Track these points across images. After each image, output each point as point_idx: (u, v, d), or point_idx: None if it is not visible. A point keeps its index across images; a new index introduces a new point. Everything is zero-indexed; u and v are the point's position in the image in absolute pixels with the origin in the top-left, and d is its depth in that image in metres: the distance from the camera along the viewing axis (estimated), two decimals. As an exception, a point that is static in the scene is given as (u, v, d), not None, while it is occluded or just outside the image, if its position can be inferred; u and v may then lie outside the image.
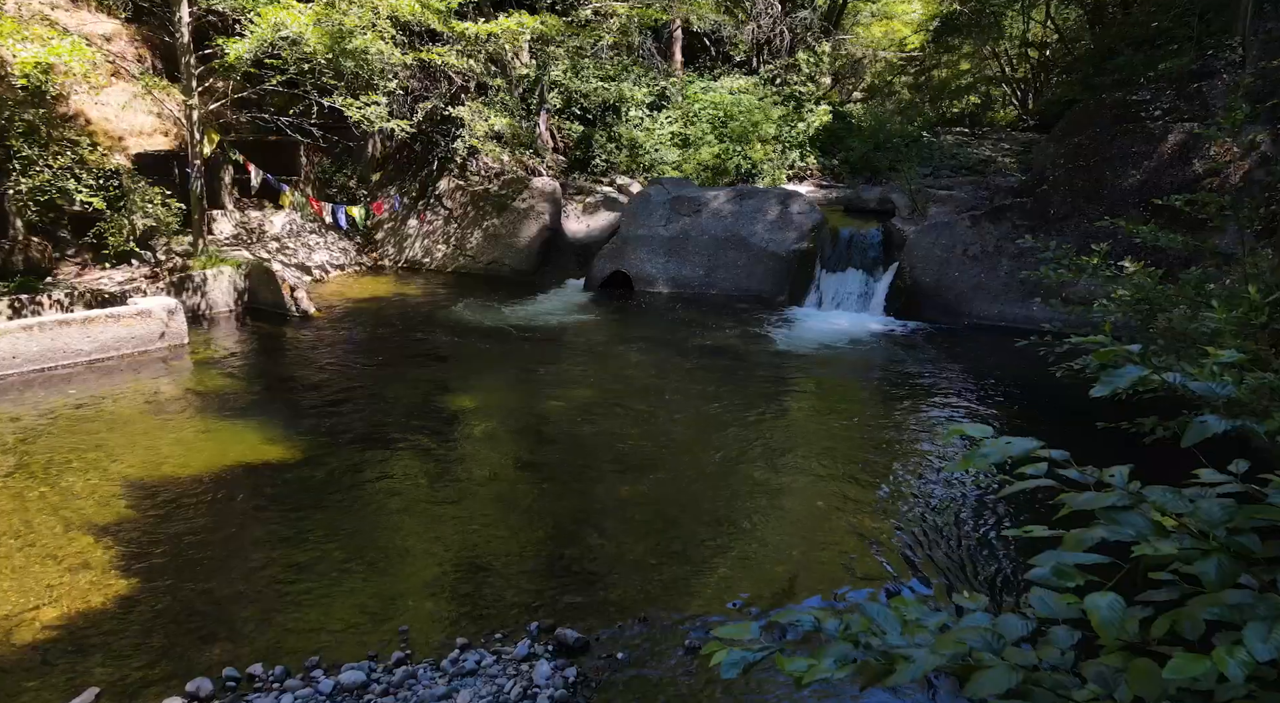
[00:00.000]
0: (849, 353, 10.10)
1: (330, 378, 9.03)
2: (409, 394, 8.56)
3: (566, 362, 9.74)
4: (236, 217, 13.47)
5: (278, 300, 11.35)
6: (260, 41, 9.97)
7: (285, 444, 7.18)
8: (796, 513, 6.14)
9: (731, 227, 12.94)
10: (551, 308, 12.10)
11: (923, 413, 8.19)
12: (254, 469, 6.71)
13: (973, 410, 8.21)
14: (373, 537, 5.64)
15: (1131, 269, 6.95)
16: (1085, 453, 1.94)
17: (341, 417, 7.89)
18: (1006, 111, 30.53)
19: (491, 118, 13.47)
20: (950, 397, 8.63)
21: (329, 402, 8.29)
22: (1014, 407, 8.40)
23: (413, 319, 11.47)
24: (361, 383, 8.89)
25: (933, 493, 6.42)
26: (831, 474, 6.73)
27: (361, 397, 8.46)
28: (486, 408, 8.26)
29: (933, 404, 8.42)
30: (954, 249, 11.33)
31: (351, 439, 7.36)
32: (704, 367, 9.49)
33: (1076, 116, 11.87)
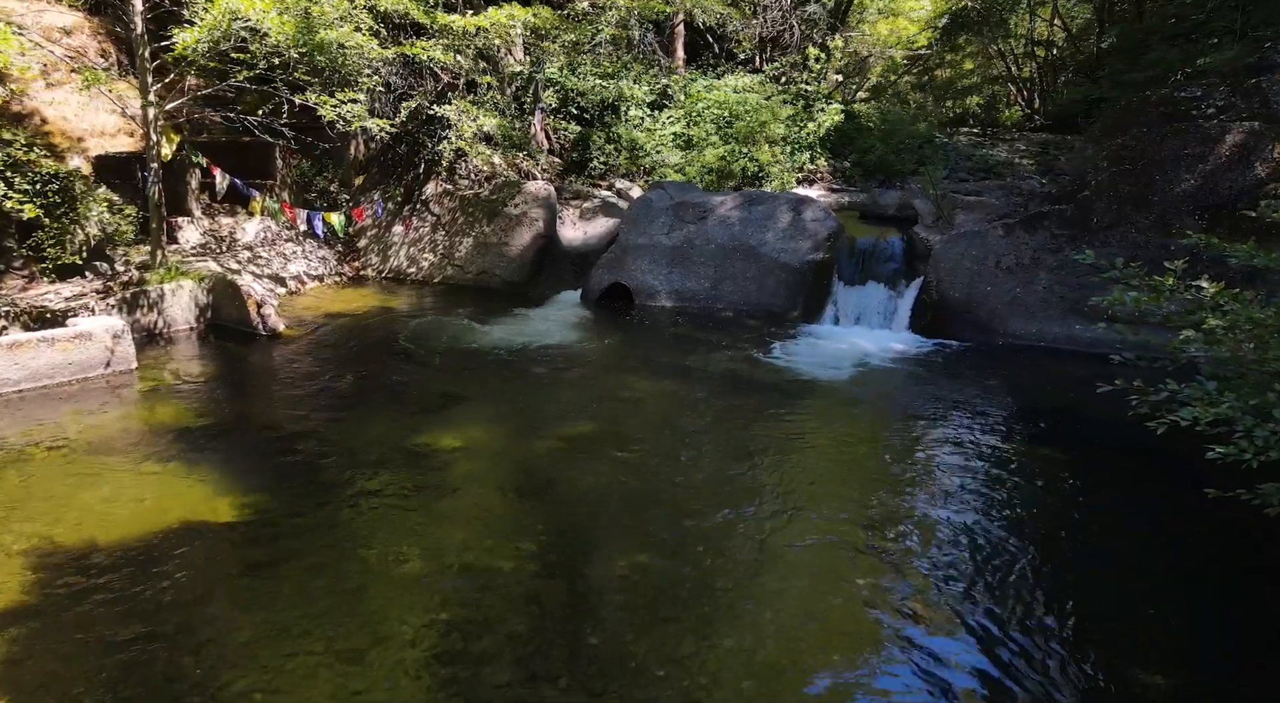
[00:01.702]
0: (873, 379, 8.95)
1: (295, 410, 7.88)
2: (383, 431, 7.40)
3: (560, 390, 8.59)
4: (205, 224, 12.31)
5: (243, 317, 10.20)
6: (213, 31, 8.80)
7: (237, 497, 6.03)
8: (828, 602, 4.99)
9: (740, 235, 11.79)
10: (545, 325, 10.95)
11: (967, 463, 7.04)
12: (197, 531, 5.56)
13: (1030, 465, 7.06)
14: (333, 623, 4.49)
15: (1211, 290, 5.81)
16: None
17: (304, 460, 6.73)
18: (1012, 111, 29.44)
19: (481, 118, 12.32)
20: (998, 439, 7.48)
21: (291, 440, 7.14)
22: (1081, 458, 7.24)
23: (393, 338, 10.31)
24: (330, 415, 7.74)
25: (993, 579, 5.28)
26: (863, 543, 5.59)
27: (329, 434, 7.31)
28: (470, 449, 7.10)
29: (977, 449, 7.27)
30: (985, 261, 10.19)
31: (313, 491, 6.21)
32: (711, 397, 8.34)
33: (1118, 116, 10.73)
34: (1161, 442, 4.99)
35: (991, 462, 6.90)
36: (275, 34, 8.84)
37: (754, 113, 15.35)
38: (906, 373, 9.14)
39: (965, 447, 7.16)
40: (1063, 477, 6.67)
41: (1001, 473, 6.69)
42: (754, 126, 15.20)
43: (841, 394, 8.46)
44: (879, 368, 9.26)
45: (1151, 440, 4.98)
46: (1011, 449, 7.17)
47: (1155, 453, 6.47)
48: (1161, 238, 9.45)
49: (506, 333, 10.44)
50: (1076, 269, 9.55)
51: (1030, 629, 4.63)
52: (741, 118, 15.59)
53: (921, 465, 6.80)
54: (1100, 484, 6.59)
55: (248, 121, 11.08)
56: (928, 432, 7.44)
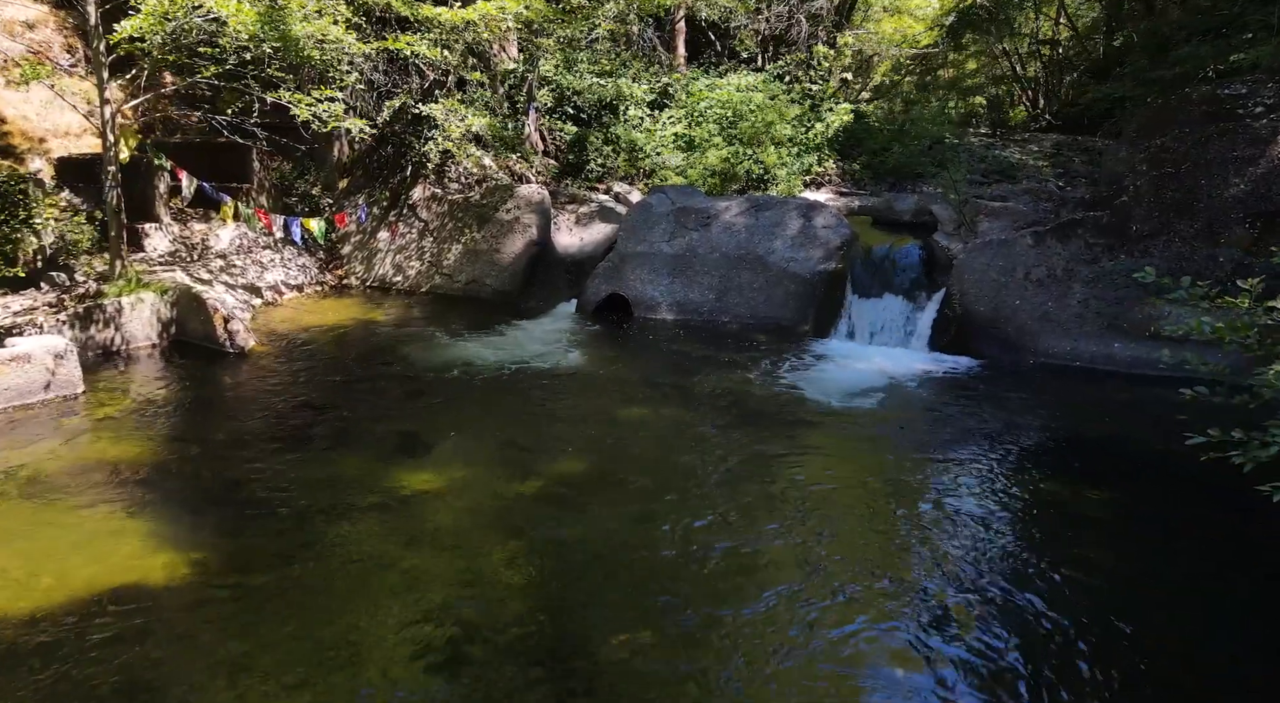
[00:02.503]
0: (894, 406, 8.04)
1: (256, 444, 6.98)
2: (354, 468, 6.51)
3: (551, 420, 7.69)
4: (175, 230, 11.40)
5: (209, 333, 9.30)
6: (166, 19, 7.90)
7: (180, 554, 5.16)
8: (858, 692, 4.11)
9: (746, 243, 10.89)
10: (537, 341, 10.05)
11: (1007, 514, 6.15)
12: (131, 598, 4.70)
13: (1078, 515, 6.16)
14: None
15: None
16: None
17: (260, 506, 5.84)
18: (1016, 112, 28.55)
19: (469, 117, 11.41)
20: (1038, 480, 6.58)
21: (248, 481, 6.24)
22: (1138, 504, 6.35)
23: (372, 355, 9.41)
24: (295, 451, 6.84)
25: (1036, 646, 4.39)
26: (895, 627, 4.70)
27: (292, 472, 6.41)
28: (448, 493, 6.20)
29: (1015, 496, 6.38)
30: (1013, 272, 9.30)
31: (266, 545, 5.33)
32: (716, 429, 7.43)
33: (1155, 115, 9.83)
34: (1225, 477, 4.14)
35: (1033, 512, 6.00)
36: (234, 23, 7.93)
37: (759, 113, 14.44)
38: (930, 399, 8.23)
39: (1003, 493, 6.26)
40: (1118, 529, 5.78)
41: (1047, 528, 5.80)
42: (759, 127, 14.29)
43: (861, 427, 7.54)
44: (900, 392, 8.36)
45: (1214, 477, 4.12)
46: (1053, 493, 6.26)
47: (1219, 490, 5.60)
48: (1209, 247, 8.58)
49: (495, 351, 9.54)
50: (1114, 281, 8.68)
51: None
52: (746, 118, 14.68)
53: (954, 522, 5.88)
54: (1161, 538, 5.69)
55: (216, 121, 10.18)
56: (958, 475, 6.52)
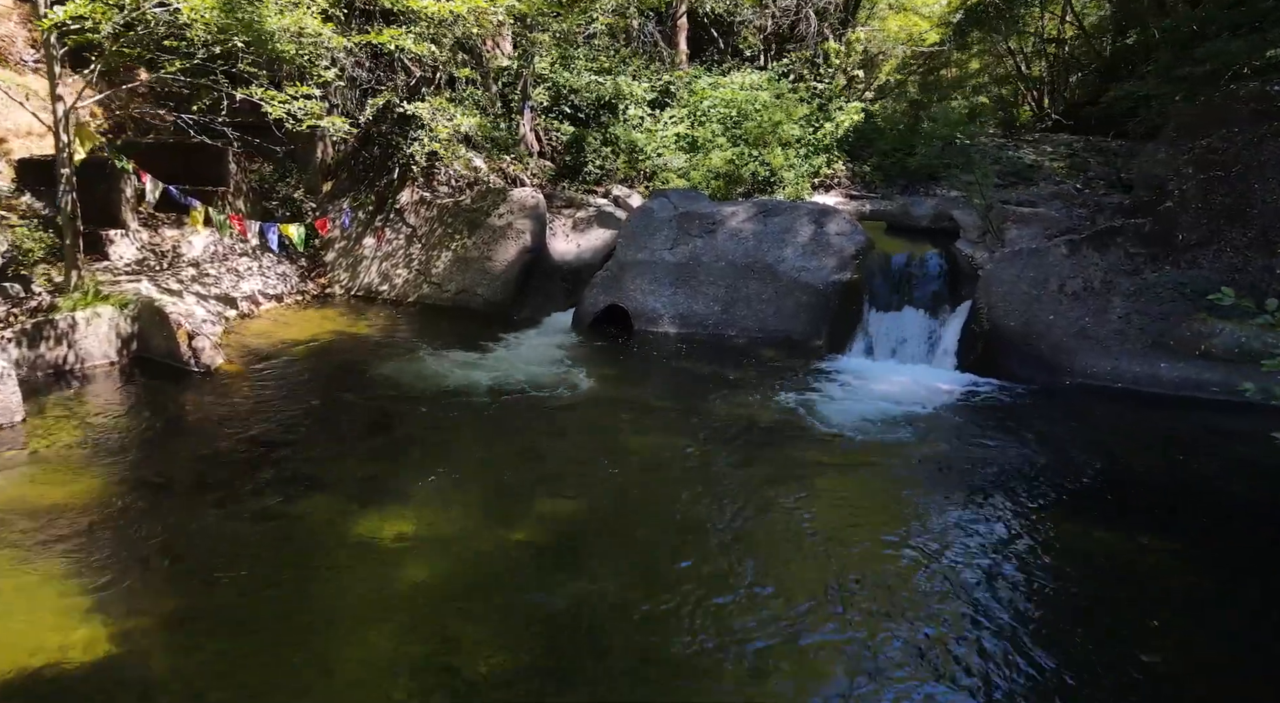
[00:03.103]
0: (921, 434, 7.18)
1: (211, 483, 6.13)
2: (320, 512, 5.68)
3: (543, 452, 6.84)
4: (143, 237, 10.55)
5: (172, 350, 8.46)
6: (108, 5, 7.04)
7: (112, 618, 4.37)
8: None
9: (754, 251, 10.05)
10: (530, 358, 9.20)
11: (1052, 569, 5.31)
12: (45, 679, 3.87)
13: (1131, 569, 5.32)
14: None
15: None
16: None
17: (210, 561, 5.01)
18: (1021, 112, 27.74)
19: (458, 117, 10.56)
20: (1084, 525, 5.74)
21: (200, 530, 5.39)
22: (1197, 553, 5.51)
23: (351, 376, 8.56)
24: (255, 491, 5.99)
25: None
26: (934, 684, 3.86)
27: (250, 518, 5.57)
28: (427, 541, 5.37)
29: (1059, 545, 5.54)
30: (1046, 284, 8.46)
31: (212, 608, 4.53)
32: (724, 462, 6.59)
33: (1197, 114, 8.99)
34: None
35: (1087, 570, 5.16)
36: (187, 10, 7.09)
37: (765, 112, 13.60)
38: (960, 428, 7.38)
39: (1050, 546, 5.40)
40: (1192, 594, 4.94)
41: (1106, 590, 4.95)
42: (765, 127, 13.45)
43: (886, 464, 6.67)
44: (926, 420, 7.51)
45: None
46: (1107, 545, 5.41)
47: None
48: (1264, 257, 7.74)
49: (484, 371, 8.69)
50: (1158, 295, 7.85)
51: None
52: (751, 117, 13.84)
53: (999, 589, 5.04)
54: (1244, 603, 4.85)
55: (182, 120, 9.33)
56: (999, 524, 5.67)
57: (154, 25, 8.13)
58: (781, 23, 15.94)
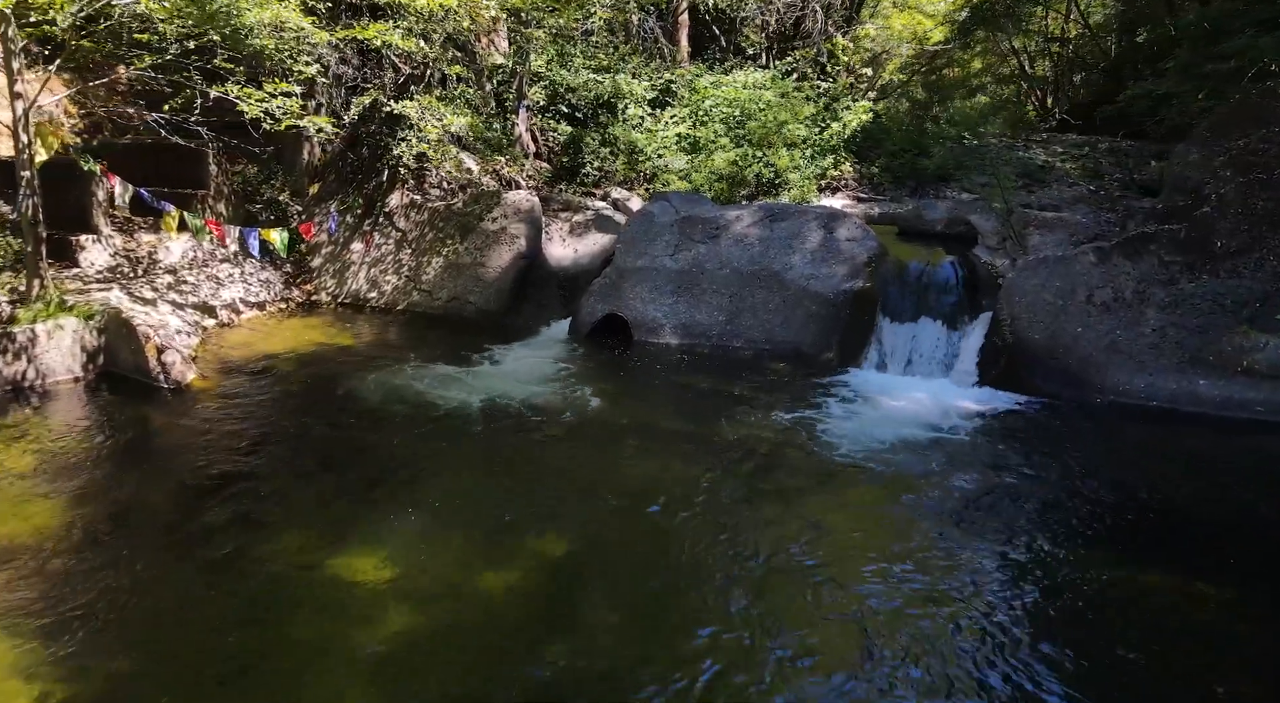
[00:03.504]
0: (942, 459, 6.56)
1: (166, 516, 5.53)
2: (288, 550, 5.08)
3: (535, 479, 6.23)
4: (117, 242, 9.94)
5: (140, 365, 7.86)
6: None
7: (42, 682, 3.76)
8: None
9: (760, 257, 9.45)
10: (524, 372, 8.60)
11: (1097, 621, 4.71)
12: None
13: (1199, 619, 4.71)
14: None
15: None
16: None
17: (161, 611, 4.43)
18: (1027, 112, 27.11)
19: (448, 116, 9.94)
20: (1128, 568, 5.14)
21: (145, 576, 4.81)
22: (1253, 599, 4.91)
23: (332, 393, 7.94)
24: (217, 526, 5.38)
25: None
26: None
27: (210, 559, 4.98)
28: (403, 585, 4.77)
29: (1109, 589, 4.94)
30: (1074, 294, 7.86)
31: (168, 666, 3.94)
32: (733, 492, 5.99)
33: (1231, 113, 8.39)
34: None
35: (1138, 623, 4.55)
36: (146, 2, 6.48)
37: (771, 111, 12.98)
38: (984, 451, 6.76)
39: (1092, 594, 4.80)
40: (1243, 641, 4.34)
41: (1162, 650, 4.35)
42: (770, 127, 12.84)
43: (906, 493, 6.04)
44: (947, 441, 6.90)
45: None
46: (1157, 591, 4.82)
47: None
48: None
49: (474, 386, 8.08)
50: (1196, 306, 7.25)
51: None
52: (755, 117, 13.23)
53: (1039, 638, 4.44)
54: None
55: (154, 120, 8.72)
56: (1034, 566, 5.06)
57: (119, 18, 7.54)
58: (786, 19, 15.31)
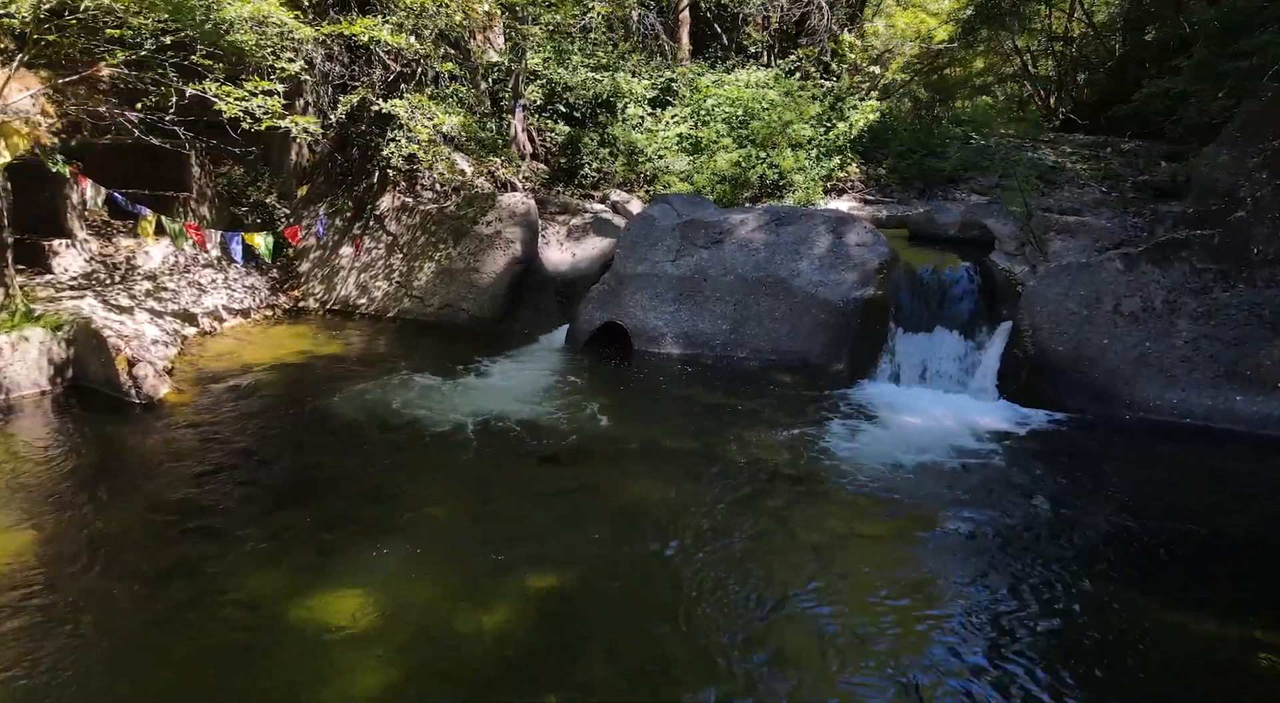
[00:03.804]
0: (965, 482, 6.07)
1: (130, 554, 5.03)
2: (256, 588, 4.59)
3: (528, 504, 5.74)
4: (93, 248, 9.45)
5: (111, 379, 7.37)
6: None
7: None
8: None
9: (765, 263, 8.96)
10: (518, 384, 8.11)
11: (1145, 680, 4.23)
12: None
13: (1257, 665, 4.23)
14: None
15: None
16: None
17: (124, 658, 3.93)
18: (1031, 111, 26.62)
19: (439, 115, 9.46)
20: (1184, 611, 4.65)
21: (109, 621, 4.32)
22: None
23: (315, 407, 7.44)
24: (182, 562, 4.88)
25: None
26: None
27: (172, 598, 4.49)
28: (382, 628, 4.28)
29: (1159, 639, 4.46)
30: (1099, 304, 7.37)
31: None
32: (740, 523, 5.50)
33: (1263, 112, 7.91)
34: None
35: (1192, 674, 4.07)
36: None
37: (775, 111, 12.49)
38: (1007, 471, 6.26)
39: (1142, 644, 4.31)
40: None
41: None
42: (774, 127, 12.35)
43: (926, 523, 5.54)
44: (967, 461, 6.41)
45: None
46: (1211, 641, 4.33)
47: None
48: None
49: (466, 400, 7.59)
50: (1231, 317, 6.76)
51: None
52: (759, 117, 12.74)
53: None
54: None
55: (126, 119, 8.24)
56: (1077, 611, 4.57)
57: (88, 10, 7.05)
58: (791, 15, 14.82)
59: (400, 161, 10.11)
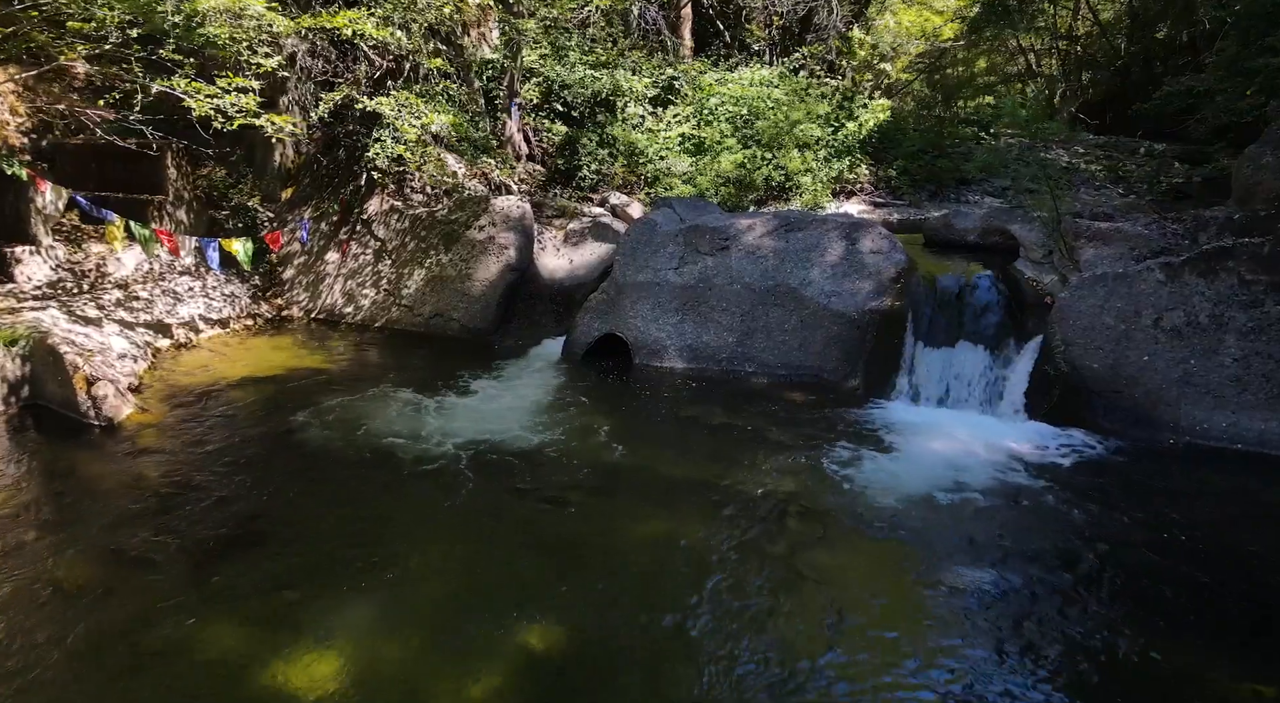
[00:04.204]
0: (996, 517, 5.46)
1: (73, 606, 4.42)
2: (217, 644, 3.99)
3: (519, 545, 5.12)
4: (60, 254, 8.82)
5: (68, 398, 6.75)
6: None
7: None
8: None
9: (775, 272, 8.34)
10: (511, 403, 7.49)
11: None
12: None
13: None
14: None
15: None
16: None
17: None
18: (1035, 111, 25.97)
19: (427, 114, 8.83)
20: (1259, 683, 4.05)
21: (49, 682, 3.72)
22: None
23: (291, 429, 6.81)
24: (130, 612, 4.28)
25: None
26: None
27: (119, 655, 3.90)
28: (361, 690, 3.69)
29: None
30: (1138, 317, 6.74)
31: None
32: (749, 563, 4.89)
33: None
34: None
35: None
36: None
37: (782, 110, 11.87)
38: (1045, 506, 5.63)
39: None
40: None
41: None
42: (782, 127, 11.72)
43: (959, 570, 4.94)
44: (999, 494, 5.78)
45: None
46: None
47: None
48: None
49: (454, 421, 6.97)
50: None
51: None
52: (764, 116, 12.12)
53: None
54: None
55: (96, 118, 7.61)
56: (1139, 677, 3.98)
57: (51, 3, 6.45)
58: (795, 12, 14.17)
59: (385, 163, 9.47)
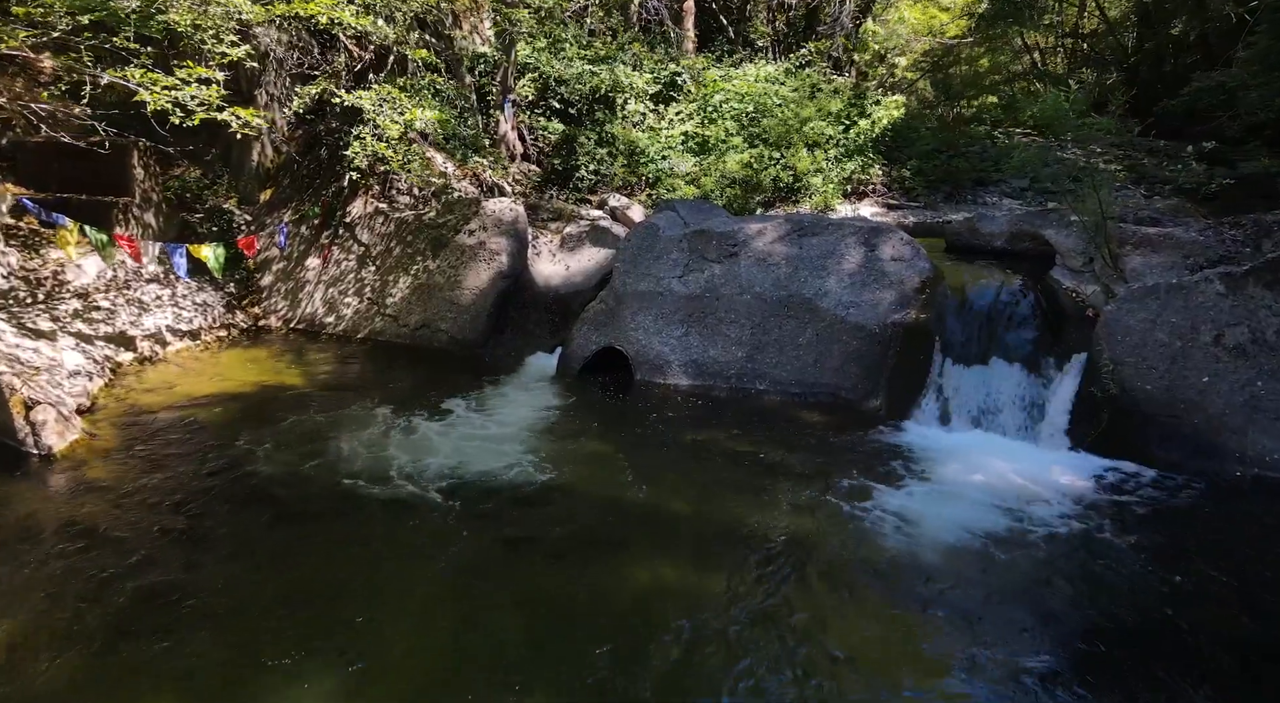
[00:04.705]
0: (1041, 565, 4.69)
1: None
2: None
3: (504, 601, 4.36)
4: (12, 261, 8.05)
5: (7, 426, 5.99)
6: None
7: None
8: None
9: (787, 281, 7.58)
10: (500, 426, 6.73)
11: None
12: None
13: None
14: None
15: None
16: None
17: None
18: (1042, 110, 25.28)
19: (410, 110, 8.06)
20: None
21: None
22: None
23: (256, 460, 6.05)
24: (56, 686, 3.56)
25: None
26: None
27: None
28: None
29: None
30: (1195, 334, 5.99)
31: None
32: (762, 619, 4.14)
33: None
34: None
35: None
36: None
37: (791, 107, 11.11)
38: (1094, 551, 4.85)
39: None
40: None
41: None
42: (790, 125, 10.97)
43: (991, 625, 4.21)
44: (1044, 537, 5.02)
45: None
46: None
47: None
48: None
49: (437, 453, 6.21)
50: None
51: None
52: (772, 113, 11.36)
53: None
54: None
55: (32, 111, 6.86)
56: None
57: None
58: (800, 7, 13.39)
59: (365, 163, 8.71)
